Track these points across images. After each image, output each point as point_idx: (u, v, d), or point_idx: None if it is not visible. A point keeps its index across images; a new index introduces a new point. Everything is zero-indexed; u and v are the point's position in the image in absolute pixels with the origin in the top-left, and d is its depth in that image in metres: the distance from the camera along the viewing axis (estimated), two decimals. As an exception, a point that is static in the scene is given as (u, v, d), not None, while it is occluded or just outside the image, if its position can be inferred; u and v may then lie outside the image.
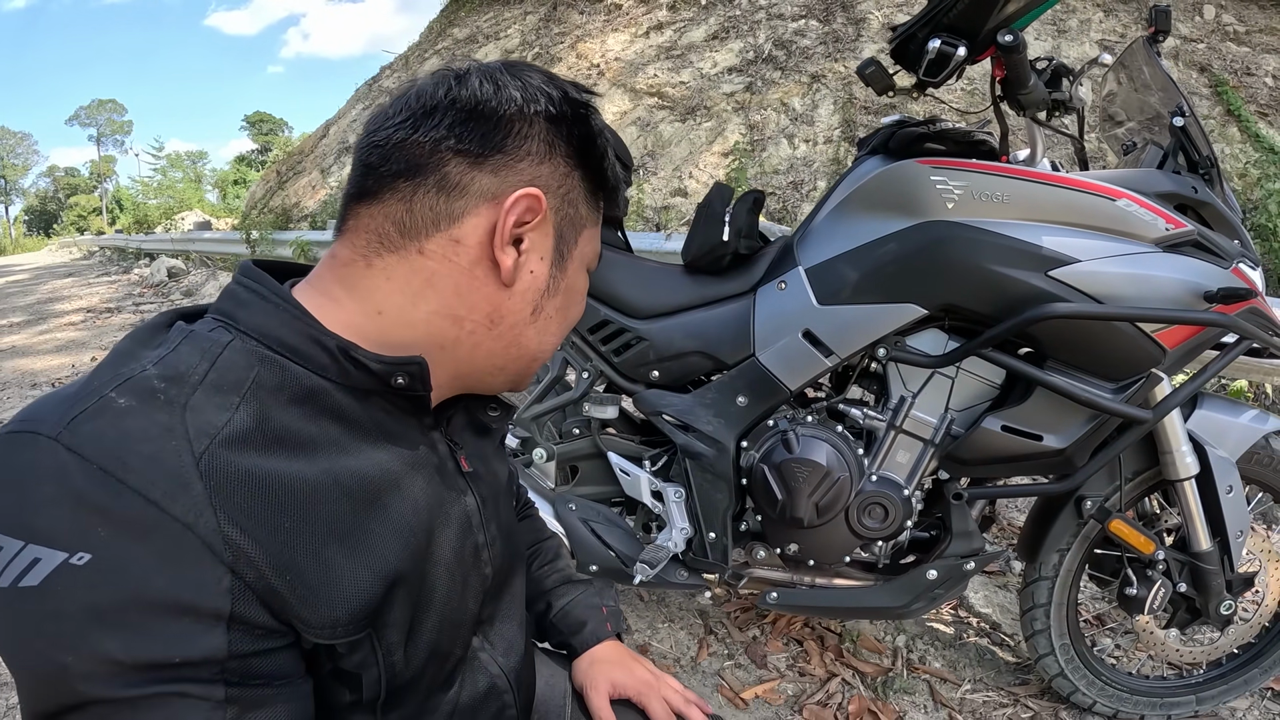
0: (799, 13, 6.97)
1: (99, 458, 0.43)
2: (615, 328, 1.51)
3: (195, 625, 0.44)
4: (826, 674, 1.64)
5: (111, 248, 16.95)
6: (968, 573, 1.43)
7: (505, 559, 0.71)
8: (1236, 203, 1.41)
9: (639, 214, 5.98)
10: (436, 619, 0.60)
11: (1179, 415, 1.36)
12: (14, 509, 0.43)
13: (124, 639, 0.42)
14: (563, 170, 0.59)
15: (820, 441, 1.36)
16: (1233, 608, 1.40)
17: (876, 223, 1.33)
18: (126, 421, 0.45)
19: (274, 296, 0.54)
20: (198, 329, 0.53)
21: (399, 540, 0.55)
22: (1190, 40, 5.60)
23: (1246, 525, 1.40)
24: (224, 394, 0.49)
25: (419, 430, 0.61)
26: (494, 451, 0.75)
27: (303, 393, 0.53)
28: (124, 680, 0.43)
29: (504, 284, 0.58)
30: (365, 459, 0.55)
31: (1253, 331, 1.27)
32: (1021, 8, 1.20)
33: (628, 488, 1.56)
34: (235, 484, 0.46)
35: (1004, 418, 1.32)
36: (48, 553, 0.42)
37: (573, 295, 0.65)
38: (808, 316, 1.37)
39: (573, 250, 0.62)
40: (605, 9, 8.37)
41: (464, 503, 0.65)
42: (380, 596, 0.53)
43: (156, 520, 0.43)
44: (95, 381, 0.48)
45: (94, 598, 0.42)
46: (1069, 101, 1.31)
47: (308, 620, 0.49)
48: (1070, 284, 1.23)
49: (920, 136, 1.32)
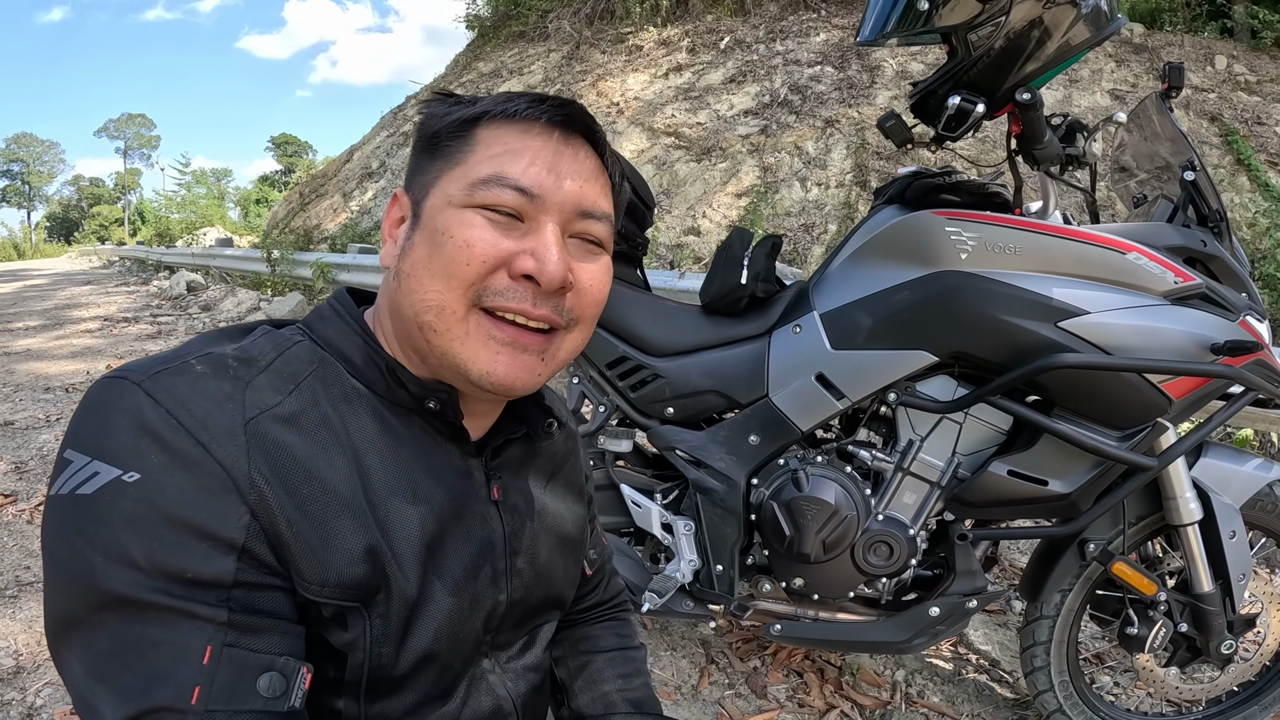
0: (815, 59, 7.13)
1: (168, 402, 0.52)
2: (633, 364, 1.56)
3: (212, 549, 0.50)
4: (825, 706, 1.66)
5: (131, 258, 17.17)
6: (970, 610, 1.45)
7: (531, 594, 0.72)
8: (1244, 256, 1.45)
9: (653, 251, 6.08)
10: (434, 628, 0.62)
11: (1184, 463, 1.39)
12: (91, 432, 0.52)
13: (149, 547, 0.49)
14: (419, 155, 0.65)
15: (829, 481, 1.40)
16: (1233, 647, 1.42)
17: (891, 271, 1.38)
18: (199, 383, 0.54)
19: (347, 316, 0.65)
20: (280, 331, 0.63)
21: (400, 539, 0.59)
22: (1201, 90, 5.69)
23: (1249, 568, 1.42)
24: (283, 380, 0.58)
25: (458, 455, 0.66)
26: (555, 493, 0.77)
27: (351, 394, 0.61)
28: (139, 582, 0.49)
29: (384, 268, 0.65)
30: (391, 461, 0.61)
31: (1257, 383, 1.30)
32: (1040, 67, 1.25)
33: (639, 519, 1.60)
34: (270, 447, 0.54)
35: (1010, 462, 1.36)
36: (106, 469, 0.50)
37: (434, 238, 0.60)
38: (821, 360, 1.42)
39: (425, 203, 0.62)
40: (627, 49, 8.57)
41: (489, 529, 0.67)
42: (366, 578, 0.57)
43: (201, 458, 0.51)
44: (183, 351, 0.58)
45: (134, 510, 0.49)
46: (1082, 157, 1.36)
47: (302, 572, 0.54)
48: (1079, 335, 1.26)
49: (936, 188, 1.36)
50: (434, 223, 0.60)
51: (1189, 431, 1.36)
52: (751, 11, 8.53)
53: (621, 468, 1.68)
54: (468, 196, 0.59)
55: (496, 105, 0.62)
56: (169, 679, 0.49)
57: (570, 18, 9.48)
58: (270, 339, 0.61)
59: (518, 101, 0.61)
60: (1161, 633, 1.41)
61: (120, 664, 0.49)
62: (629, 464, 1.71)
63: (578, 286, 0.62)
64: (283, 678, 0.53)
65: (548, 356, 0.63)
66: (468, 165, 0.60)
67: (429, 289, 0.59)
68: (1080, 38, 1.23)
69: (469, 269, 0.59)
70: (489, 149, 0.60)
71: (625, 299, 1.60)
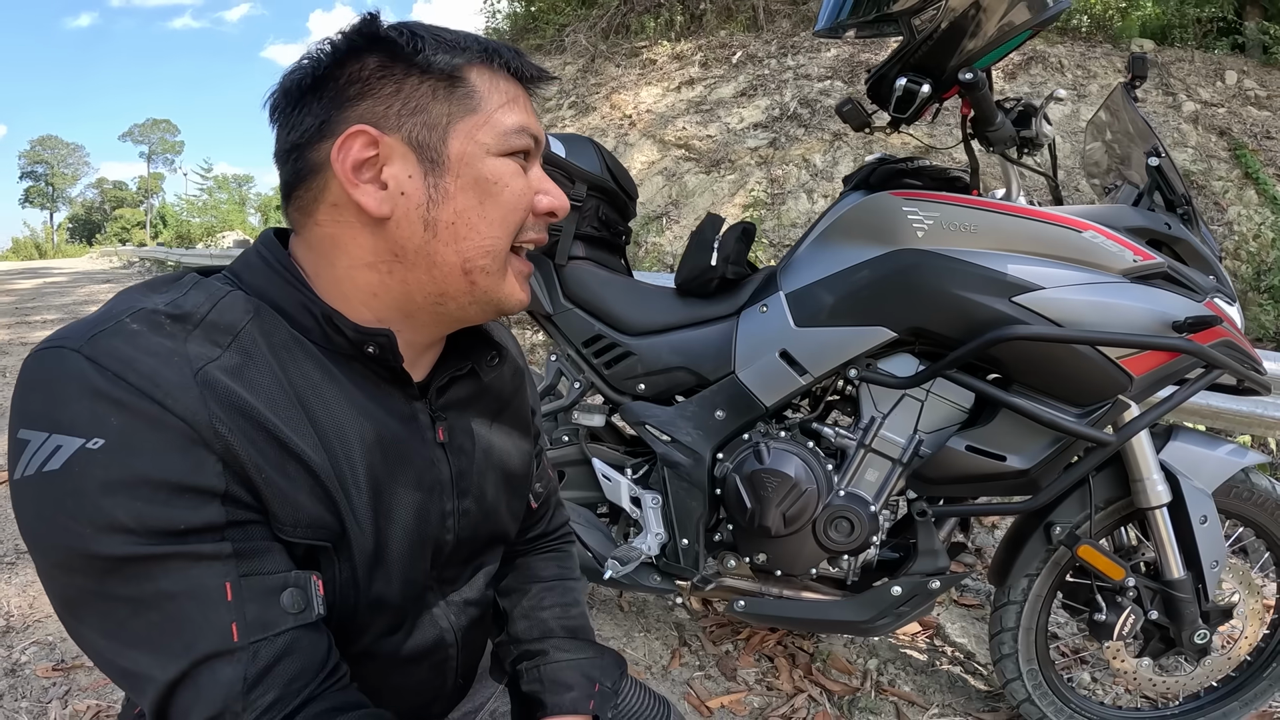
0: (825, 74, 7.19)
1: (113, 365, 0.51)
2: (607, 342, 1.60)
3: (197, 500, 0.51)
4: (794, 690, 1.67)
5: (152, 259, 17.50)
6: (933, 591, 1.46)
7: (478, 532, 0.74)
8: (1214, 241, 1.45)
9: (659, 259, 6.14)
10: (386, 573, 0.63)
11: (1150, 444, 1.39)
12: (41, 406, 0.51)
13: (134, 509, 0.49)
14: (387, 90, 0.60)
15: (790, 454, 1.42)
16: (1208, 638, 1.40)
17: (853, 251, 1.41)
18: (138, 340, 0.53)
19: (276, 264, 0.62)
20: (208, 280, 0.61)
21: (351, 485, 0.60)
22: (1210, 105, 5.67)
23: (1222, 556, 1.40)
24: (220, 332, 0.56)
25: (401, 399, 0.66)
26: (502, 430, 0.77)
27: (290, 342, 0.60)
28: (135, 542, 0.49)
29: (383, 218, 0.60)
30: (335, 407, 0.60)
31: (1224, 362, 1.29)
32: (982, 47, 1.28)
33: (608, 492, 1.63)
34: (223, 395, 0.53)
35: (969, 438, 1.37)
36: (68, 440, 0.49)
37: (485, 186, 0.62)
38: (785, 338, 1.45)
39: (446, 150, 0.60)
40: (640, 63, 8.69)
41: (436, 470, 0.68)
42: (330, 520, 0.58)
43: (160, 415, 0.50)
44: (112, 310, 0.56)
45: (107, 475, 0.49)
46: (1036, 138, 1.38)
47: (275, 515, 0.55)
48: (1033, 309, 1.27)
49: (898, 172, 1.40)
50: (477, 171, 0.61)
51: (1149, 408, 1.35)
52: (764, 27, 8.63)
53: (595, 444, 1.72)
54: (503, 144, 0.62)
55: (484, 52, 0.63)
56: (204, 625, 0.50)
57: (587, 32, 9.61)
58: (202, 290, 0.59)
59: (505, 53, 0.63)
60: (1130, 620, 1.40)
61: (147, 624, 0.50)
62: (603, 440, 1.74)
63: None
64: (300, 591, 0.55)
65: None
66: (485, 113, 0.61)
67: (486, 235, 0.62)
68: (1021, 18, 1.25)
69: (520, 214, 0.64)
70: (495, 96, 0.62)
71: (603, 280, 1.64)
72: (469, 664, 0.79)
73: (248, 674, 0.51)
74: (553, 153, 1.59)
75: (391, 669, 0.68)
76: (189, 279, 0.61)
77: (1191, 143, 5.50)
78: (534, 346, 4.79)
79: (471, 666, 0.81)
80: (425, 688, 0.73)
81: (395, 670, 0.69)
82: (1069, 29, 7.04)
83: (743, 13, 8.90)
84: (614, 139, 7.45)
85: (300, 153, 0.61)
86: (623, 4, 9.45)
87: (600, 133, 7.63)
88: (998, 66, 6.06)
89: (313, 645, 0.55)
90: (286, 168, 0.63)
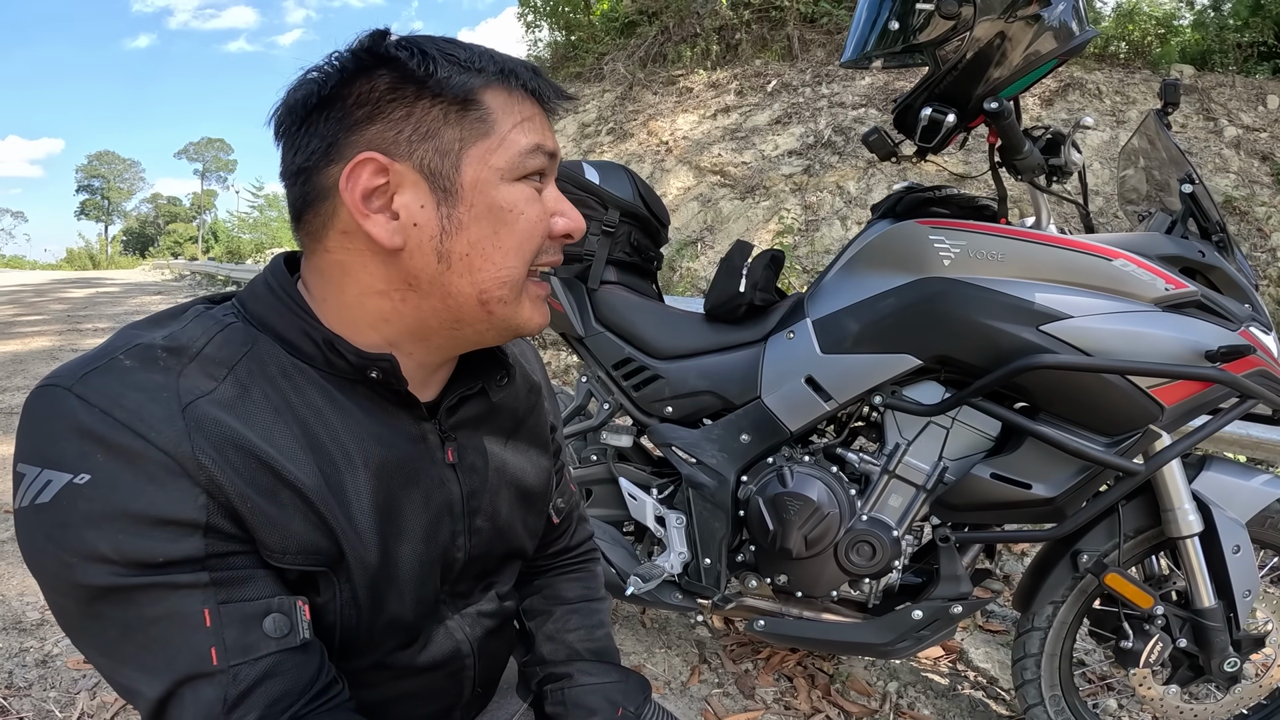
0: (859, 101, 7.24)
1: (100, 401, 0.53)
2: (636, 365, 1.64)
3: (176, 532, 0.52)
4: (811, 710, 1.67)
5: (202, 273, 18.04)
6: (954, 616, 1.46)
7: (491, 549, 0.74)
8: (1250, 269, 1.43)
9: (693, 284, 6.20)
10: (397, 591, 0.64)
11: (1182, 474, 1.37)
12: (36, 443, 0.53)
13: (115, 541, 0.51)
14: (399, 115, 0.58)
15: (813, 479, 1.45)
16: (1238, 666, 1.38)
17: (879, 279, 1.43)
18: (128, 377, 0.54)
19: (280, 291, 0.62)
20: (211, 311, 0.62)
21: (355, 508, 0.60)
22: (1253, 130, 5.58)
23: (1255, 585, 1.38)
24: (215, 365, 0.57)
25: (409, 420, 0.65)
26: (517, 447, 0.76)
27: (291, 370, 0.60)
28: (116, 573, 0.51)
29: (394, 249, 0.59)
30: (339, 432, 0.60)
31: (1259, 392, 1.27)
32: (1008, 77, 1.29)
33: (634, 511, 1.66)
34: (211, 428, 0.54)
35: (994, 465, 1.38)
36: (57, 475, 0.51)
37: (499, 215, 0.60)
38: (811, 364, 1.48)
39: (459, 178, 0.59)
40: (677, 91, 8.84)
41: (446, 491, 0.68)
42: (326, 546, 0.59)
43: (143, 449, 0.52)
44: (109, 346, 0.57)
45: (91, 509, 0.51)
46: (1065, 166, 1.38)
47: (264, 543, 0.56)
48: (1061, 338, 1.27)
49: (925, 200, 1.42)
50: (491, 199, 0.60)
51: (1179, 438, 1.34)
52: (799, 56, 8.72)
53: (622, 464, 1.76)
54: (517, 169, 0.60)
55: (500, 73, 0.60)
56: (183, 648, 0.52)
57: (625, 60, 9.80)
58: (201, 323, 0.59)
59: (522, 73, 0.62)
60: (1158, 648, 1.38)
61: (134, 644, 0.52)
62: (630, 460, 1.78)
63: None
64: (284, 616, 0.56)
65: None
66: (498, 135, 0.60)
67: (502, 265, 0.61)
68: (1047, 48, 1.27)
69: (537, 241, 0.62)
70: (508, 116, 0.60)
71: (633, 305, 1.68)
72: (487, 673, 0.79)
73: (228, 695, 0.52)
74: (586, 179, 1.65)
75: (407, 679, 0.70)
76: (192, 310, 0.62)
77: (1234, 168, 5.41)
78: (568, 368, 4.86)
79: (490, 675, 0.82)
80: (442, 696, 0.74)
81: (411, 679, 0.70)
82: (1106, 55, 6.99)
83: (778, 42, 9.00)
84: (650, 165, 7.56)
85: (307, 176, 0.60)
86: (660, 33, 9.62)
87: (637, 158, 7.75)
88: (1033, 93, 5.99)
89: (298, 668, 0.56)
90: (294, 190, 0.61)
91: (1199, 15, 7.55)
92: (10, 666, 1.75)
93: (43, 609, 2.00)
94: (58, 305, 11.40)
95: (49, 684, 1.71)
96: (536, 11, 11.74)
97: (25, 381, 4.70)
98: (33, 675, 1.73)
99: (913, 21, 1.30)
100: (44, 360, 5.85)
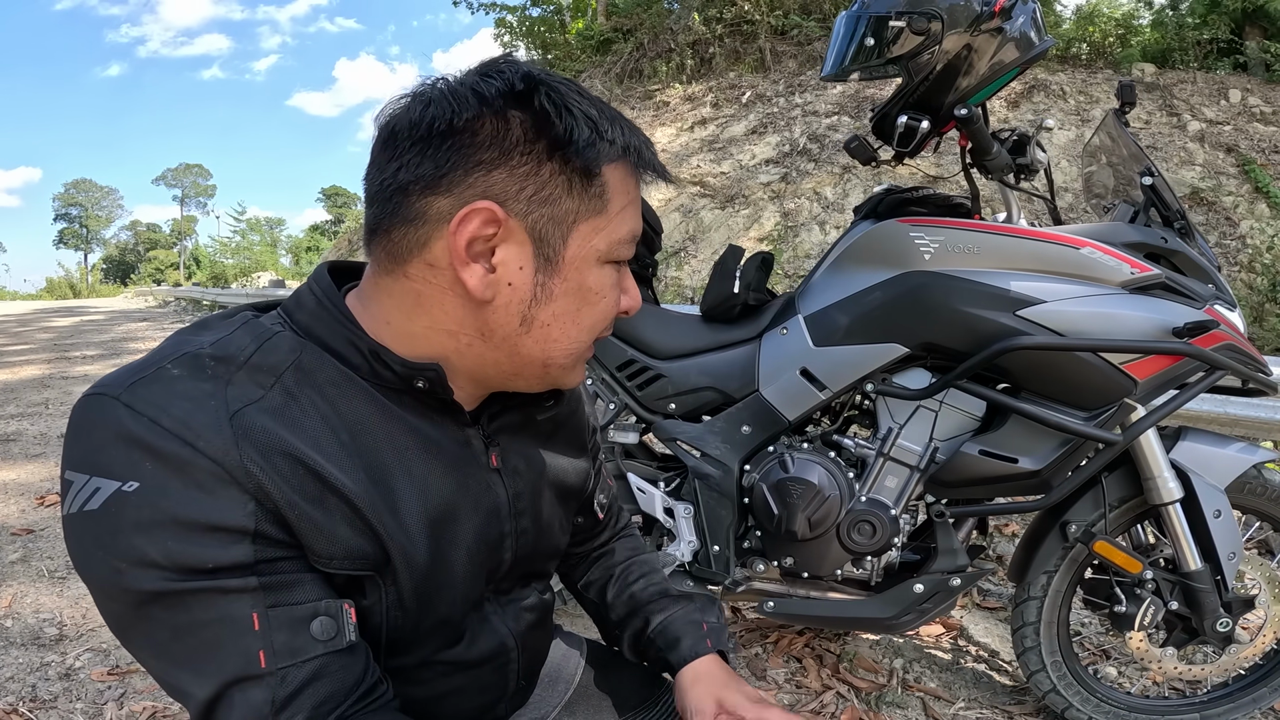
0: (832, 109, 7.43)
1: (147, 410, 0.53)
2: (639, 366, 1.73)
3: (225, 539, 0.53)
4: (822, 687, 1.74)
5: (187, 298, 17.93)
6: (953, 588, 1.55)
7: (536, 548, 0.76)
8: (1212, 253, 1.54)
9: (679, 292, 6.31)
10: (450, 595, 0.66)
11: (1159, 443, 1.46)
12: (84, 451, 0.54)
13: (164, 547, 0.52)
14: (525, 169, 0.57)
15: (813, 464, 1.54)
16: (1230, 626, 1.45)
17: (865, 275, 1.54)
18: (176, 386, 0.55)
19: (326, 300, 0.62)
20: (259, 319, 0.63)
21: (405, 513, 0.61)
22: (1216, 123, 5.78)
23: (1238, 548, 1.45)
24: (264, 374, 0.58)
25: (454, 427, 0.66)
26: (557, 449, 0.78)
27: (339, 378, 0.61)
28: (164, 577, 0.52)
29: (481, 300, 0.59)
30: (386, 439, 0.61)
31: (1228, 364, 1.37)
32: (975, 85, 1.41)
33: (643, 504, 1.74)
34: (259, 436, 0.55)
35: (982, 443, 1.47)
36: (105, 483, 0.52)
37: (586, 295, 0.62)
38: (805, 357, 1.57)
39: (563, 251, 0.60)
40: (654, 105, 9.00)
41: (494, 495, 0.70)
42: (374, 552, 0.60)
43: (191, 457, 0.52)
44: (157, 355, 0.58)
45: (139, 516, 0.52)
46: (1031, 164, 1.50)
47: (311, 548, 0.57)
48: (1037, 321, 1.38)
49: (905, 201, 1.53)
50: (583, 278, 0.61)
51: (1154, 408, 1.43)
52: (771, 68, 8.91)
53: (629, 460, 1.84)
54: (613, 253, 0.62)
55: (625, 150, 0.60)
56: (233, 651, 0.53)
57: (602, 77, 9.96)
58: (249, 330, 0.60)
59: (645, 153, 0.61)
60: (1151, 610, 1.45)
61: (185, 647, 0.53)
62: (636, 457, 1.86)
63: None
64: (331, 619, 0.57)
65: None
66: (607, 215, 0.60)
67: (575, 340, 0.63)
68: (1010, 57, 1.39)
69: (608, 321, 0.66)
70: (620, 197, 0.61)
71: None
72: (530, 665, 0.82)
73: (276, 697, 0.54)
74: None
75: (454, 675, 0.72)
76: (240, 317, 0.63)
77: (1199, 160, 5.60)
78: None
79: (533, 667, 0.84)
80: (489, 690, 0.76)
81: (458, 675, 0.72)
82: (1069, 57, 7.21)
83: (750, 55, 9.20)
84: (631, 178, 7.69)
85: (405, 196, 0.58)
86: (636, 50, 9.80)
87: (618, 172, 7.88)
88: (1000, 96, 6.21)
89: (344, 669, 0.57)
90: (383, 203, 0.59)
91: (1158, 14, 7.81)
92: (33, 680, 1.78)
93: (61, 626, 2.05)
94: (44, 334, 11.33)
95: (74, 696, 1.74)
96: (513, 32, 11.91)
97: (17, 409, 4.68)
98: (57, 688, 1.76)
99: (886, 37, 1.41)
100: (35, 388, 5.85)
